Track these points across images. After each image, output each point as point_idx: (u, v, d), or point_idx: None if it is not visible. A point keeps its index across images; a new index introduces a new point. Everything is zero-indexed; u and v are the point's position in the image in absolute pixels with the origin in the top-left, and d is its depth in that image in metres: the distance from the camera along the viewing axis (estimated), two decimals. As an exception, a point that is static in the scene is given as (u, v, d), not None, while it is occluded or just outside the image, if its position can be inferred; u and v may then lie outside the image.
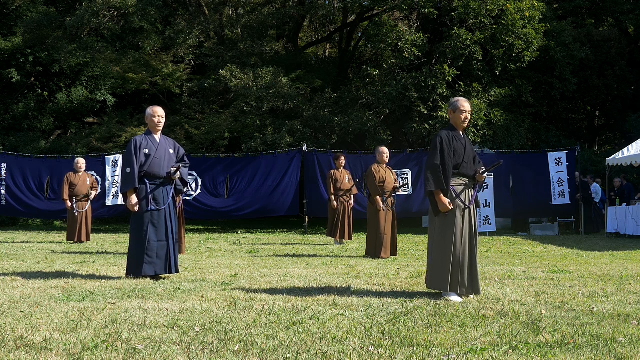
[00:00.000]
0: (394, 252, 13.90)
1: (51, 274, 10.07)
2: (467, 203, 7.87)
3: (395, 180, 14.26)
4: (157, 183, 9.46)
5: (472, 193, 8.02)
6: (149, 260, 9.28)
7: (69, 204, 18.21)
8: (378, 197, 13.73)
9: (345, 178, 17.55)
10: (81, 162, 18.72)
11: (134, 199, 9.28)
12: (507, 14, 25.37)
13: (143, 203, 9.40)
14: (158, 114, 9.59)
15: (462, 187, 7.90)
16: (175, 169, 9.48)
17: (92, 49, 30.22)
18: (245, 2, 34.07)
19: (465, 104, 8.02)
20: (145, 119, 9.80)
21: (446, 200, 7.68)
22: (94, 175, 20.54)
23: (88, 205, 18.53)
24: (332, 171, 17.61)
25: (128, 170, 9.33)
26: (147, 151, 9.39)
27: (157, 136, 9.63)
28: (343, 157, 17.84)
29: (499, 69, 26.34)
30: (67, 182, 18.32)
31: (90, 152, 26.90)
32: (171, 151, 9.70)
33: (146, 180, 9.41)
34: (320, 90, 28.18)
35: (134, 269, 9.38)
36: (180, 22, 30.28)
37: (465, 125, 8.11)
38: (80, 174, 18.52)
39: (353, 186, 17.73)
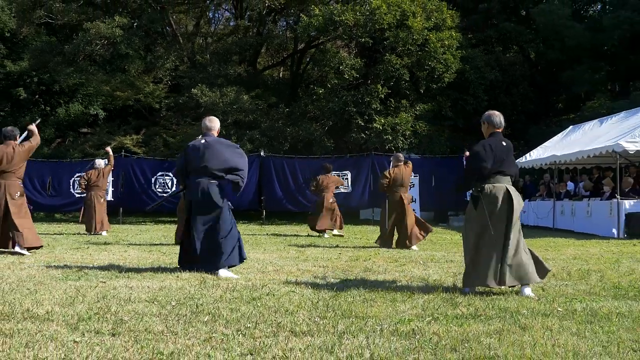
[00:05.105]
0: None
1: (52, 258, 10.08)
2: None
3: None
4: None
5: None
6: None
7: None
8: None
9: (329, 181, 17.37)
10: (98, 162, 18.05)
11: None
12: (429, 42, 25.48)
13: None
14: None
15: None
16: None
17: (86, 71, 29.95)
18: (213, 33, 34.33)
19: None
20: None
21: None
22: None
23: (104, 198, 17.73)
24: (321, 177, 17.35)
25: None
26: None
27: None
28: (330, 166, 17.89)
29: (423, 88, 26.43)
30: (104, 175, 17.63)
31: (84, 157, 26.72)
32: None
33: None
34: (275, 105, 28.05)
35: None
36: (159, 49, 30.07)
37: None
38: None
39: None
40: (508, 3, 33.01)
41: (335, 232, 17.25)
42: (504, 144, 7.09)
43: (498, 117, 7.24)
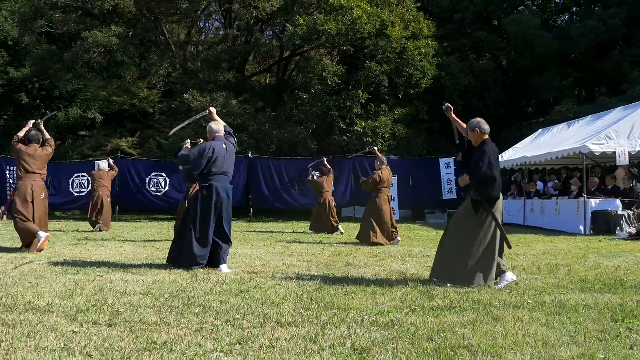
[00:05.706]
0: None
1: (52, 253, 10.05)
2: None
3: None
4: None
5: None
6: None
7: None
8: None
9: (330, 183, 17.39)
10: (103, 164, 18.12)
11: None
12: (407, 50, 25.60)
13: None
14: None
15: None
16: None
17: (84, 78, 29.74)
18: (204, 42, 34.24)
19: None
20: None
21: None
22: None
23: (110, 198, 17.52)
24: (323, 178, 17.30)
25: None
26: None
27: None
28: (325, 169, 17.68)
29: (402, 93, 26.54)
30: (109, 177, 17.64)
31: (83, 158, 26.61)
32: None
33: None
34: (262, 110, 27.97)
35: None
36: (153, 57, 29.90)
37: None
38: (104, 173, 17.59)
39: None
40: (481, 13, 33.09)
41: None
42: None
43: (486, 124, 7.09)
